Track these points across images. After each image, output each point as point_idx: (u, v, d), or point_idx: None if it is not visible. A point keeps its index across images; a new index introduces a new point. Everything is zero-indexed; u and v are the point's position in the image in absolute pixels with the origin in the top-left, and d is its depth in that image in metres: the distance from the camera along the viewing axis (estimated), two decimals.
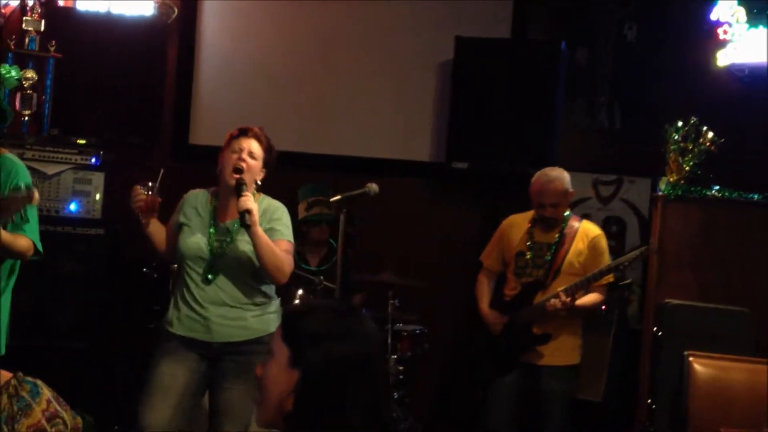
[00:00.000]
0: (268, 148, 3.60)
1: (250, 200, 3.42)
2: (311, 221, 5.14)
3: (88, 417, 4.74)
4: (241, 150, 3.53)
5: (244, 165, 3.51)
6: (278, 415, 1.75)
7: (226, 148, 3.57)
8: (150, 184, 3.54)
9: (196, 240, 3.55)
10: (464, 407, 5.35)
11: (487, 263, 4.54)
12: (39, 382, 1.80)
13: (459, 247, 5.61)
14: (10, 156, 3.50)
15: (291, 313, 1.88)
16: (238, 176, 3.49)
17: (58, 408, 1.79)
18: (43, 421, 1.78)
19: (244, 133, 3.58)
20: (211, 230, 3.57)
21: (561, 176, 4.27)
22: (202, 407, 3.74)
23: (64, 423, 1.89)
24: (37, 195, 3.10)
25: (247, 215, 3.37)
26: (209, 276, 3.52)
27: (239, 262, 3.51)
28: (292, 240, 3.63)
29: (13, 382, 1.77)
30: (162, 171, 3.62)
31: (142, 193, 3.53)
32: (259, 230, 3.43)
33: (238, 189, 3.46)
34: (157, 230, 3.65)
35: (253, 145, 3.55)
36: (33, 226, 3.36)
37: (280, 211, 3.63)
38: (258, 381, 1.80)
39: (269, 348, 1.80)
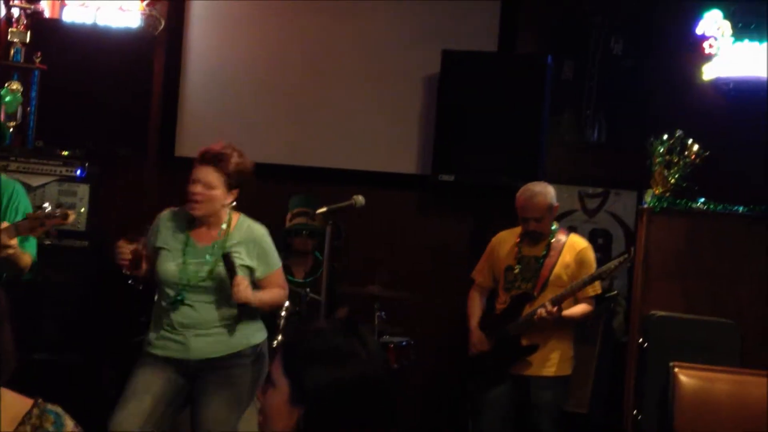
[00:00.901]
0: (233, 171, 3.44)
1: (244, 291, 3.37)
2: (293, 231, 5.12)
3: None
4: (195, 181, 3.41)
5: (199, 198, 3.41)
6: None
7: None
8: (133, 237, 3.45)
9: (173, 266, 3.48)
10: (452, 419, 5.34)
11: (478, 280, 4.57)
12: (60, 411, 1.73)
13: (446, 259, 5.62)
14: (7, 179, 3.53)
15: (289, 341, 1.87)
16: (198, 213, 3.44)
17: None
18: None
19: (201, 159, 3.43)
20: (186, 256, 3.49)
21: (544, 191, 4.30)
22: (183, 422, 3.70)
23: None
24: (73, 215, 3.16)
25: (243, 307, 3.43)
26: (186, 301, 3.46)
27: (217, 287, 3.47)
28: (280, 263, 3.64)
29: (35, 411, 1.69)
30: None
31: (127, 251, 3.42)
32: (257, 302, 3.46)
33: (229, 268, 3.39)
34: (144, 271, 3.56)
35: (209, 175, 3.41)
36: (33, 243, 3.37)
37: (264, 240, 3.58)
38: (261, 405, 1.78)
39: (270, 376, 1.76)
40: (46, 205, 3.21)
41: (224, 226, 3.45)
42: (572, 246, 4.34)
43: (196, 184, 3.41)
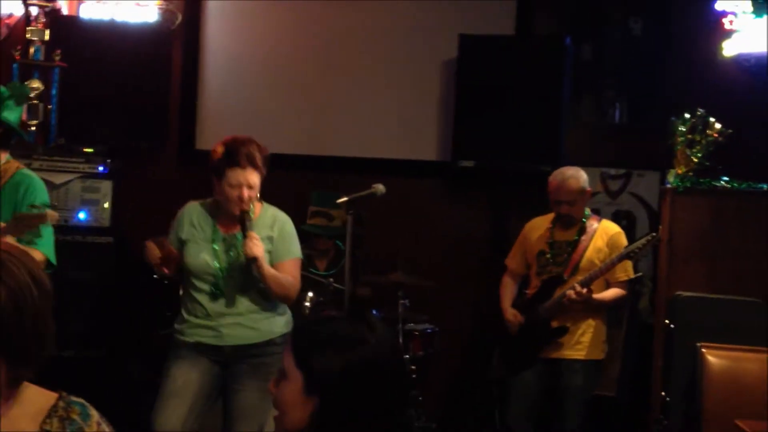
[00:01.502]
0: (263, 164, 3.49)
1: (256, 245, 3.39)
2: (311, 233, 5.15)
3: None
4: (239, 185, 3.43)
5: (246, 206, 3.45)
6: None
7: (221, 177, 3.45)
8: (162, 239, 3.46)
9: (203, 256, 3.52)
10: (478, 405, 5.35)
11: (511, 266, 4.59)
12: (85, 403, 1.73)
13: (467, 245, 5.61)
14: (27, 172, 3.55)
15: (299, 331, 1.84)
16: (244, 212, 3.45)
17: (107, 430, 1.75)
18: None
19: (236, 162, 3.42)
20: (215, 246, 3.54)
21: (576, 174, 4.32)
22: (215, 409, 3.74)
23: None
24: (54, 215, 3.14)
25: (253, 264, 3.40)
26: (217, 291, 3.51)
27: (246, 275, 3.50)
28: (300, 255, 3.64)
29: (60, 404, 1.69)
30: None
31: (155, 251, 3.43)
32: (267, 271, 3.44)
33: (243, 225, 3.42)
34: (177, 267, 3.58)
35: (250, 177, 3.45)
36: (46, 241, 3.38)
37: (286, 227, 3.61)
38: (273, 399, 1.78)
39: (282, 366, 1.76)
40: (35, 205, 3.21)
41: (258, 240, 3.45)
42: (605, 231, 4.36)
43: (241, 188, 3.43)
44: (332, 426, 1.68)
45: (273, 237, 3.55)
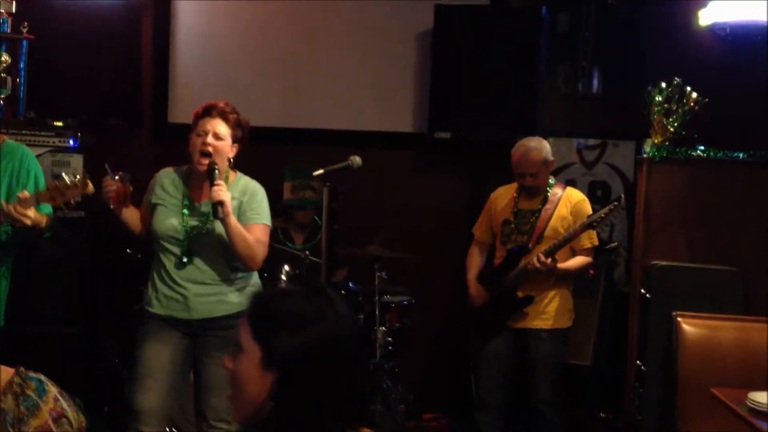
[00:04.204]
0: (236, 124, 3.51)
1: (223, 190, 3.36)
2: (296, 205, 5.11)
3: (77, 399, 4.72)
4: (205, 132, 3.45)
5: (210, 149, 3.44)
6: (254, 412, 1.70)
7: (192, 130, 3.50)
8: (120, 173, 3.45)
9: (170, 221, 3.51)
10: (455, 376, 5.36)
11: (477, 235, 4.56)
12: (43, 378, 1.72)
13: (445, 216, 5.60)
14: (14, 143, 3.56)
15: (256, 305, 1.79)
16: (207, 161, 3.43)
17: (65, 406, 1.71)
18: (50, 422, 1.70)
19: (207, 112, 3.48)
20: (185, 211, 3.52)
21: (539, 146, 4.26)
22: (188, 382, 3.73)
23: (70, 423, 1.81)
24: (91, 185, 3.25)
25: (219, 207, 3.33)
26: (185, 258, 3.49)
27: (215, 243, 3.48)
28: (268, 223, 3.59)
29: (16, 380, 1.67)
30: (106, 164, 3.54)
31: (112, 184, 3.45)
32: (232, 221, 3.39)
33: (210, 175, 3.39)
34: (131, 216, 3.61)
35: (218, 126, 3.46)
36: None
37: (258, 193, 3.58)
38: (230, 374, 1.75)
39: (238, 341, 1.73)
40: (63, 174, 3.27)
41: (226, 188, 3.42)
42: (568, 199, 4.31)
43: (206, 136, 3.44)
44: (290, 401, 1.65)
45: (243, 201, 3.52)
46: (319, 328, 1.67)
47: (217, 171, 3.40)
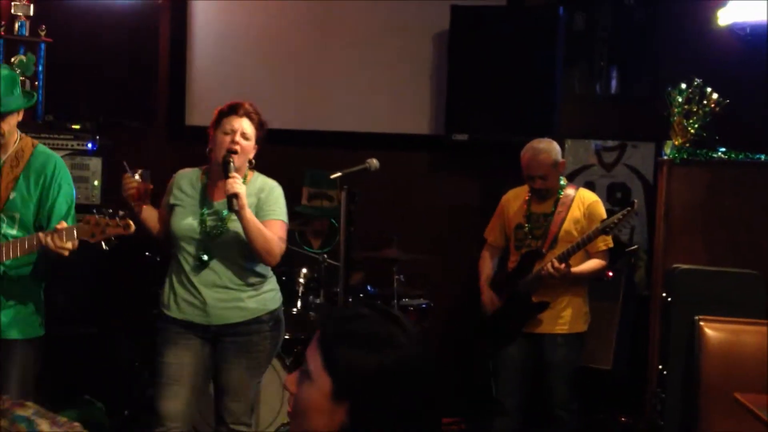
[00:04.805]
0: (259, 124, 3.53)
1: (238, 183, 3.35)
2: (311, 215, 5.11)
3: (98, 403, 4.73)
4: (233, 131, 3.45)
5: (238, 148, 3.44)
6: None
7: (217, 127, 3.49)
8: (140, 171, 3.45)
9: (188, 221, 3.50)
10: (476, 379, 5.33)
11: (490, 239, 4.52)
12: (32, 417, 1.59)
13: (461, 218, 5.57)
14: (45, 148, 3.48)
15: (328, 329, 1.63)
16: (227, 155, 3.42)
17: None
18: None
19: (234, 111, 3.48)
20: (203, 210, 3.52)
21: (549, 147, 4.20)
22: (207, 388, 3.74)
23: None
24: (133, 226, 3.18)
25: (234, 200, 3.32)
26: (203, 258, 3.47)
27: (233, 243, 3.47)
28: (285, 220, 3.58)
29: (3, 423, 1.54)
30: (125, 162, 3.54)
31: (132, 182, 3.45)
32: (248, 213, 3.38)
33: (225, 167, 3.39)
34: (150, 215, 3.62)
35: (245, 125, 3.47)
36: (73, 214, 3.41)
37: (275, 191, 3.57)
38: (293, 399, 1.63)
39: (306, 366, 1.61)
40: (103, 210, 3.19)
41: (240, 181, 3.41)
42: (581, 200, 4.25)
43: (234, 134, 3.44)
44: (365, 430, 1.55)
45: (260, 198, 3.52)
46: (394, 354, 1.56)
47: (232, 163, 3.39)
